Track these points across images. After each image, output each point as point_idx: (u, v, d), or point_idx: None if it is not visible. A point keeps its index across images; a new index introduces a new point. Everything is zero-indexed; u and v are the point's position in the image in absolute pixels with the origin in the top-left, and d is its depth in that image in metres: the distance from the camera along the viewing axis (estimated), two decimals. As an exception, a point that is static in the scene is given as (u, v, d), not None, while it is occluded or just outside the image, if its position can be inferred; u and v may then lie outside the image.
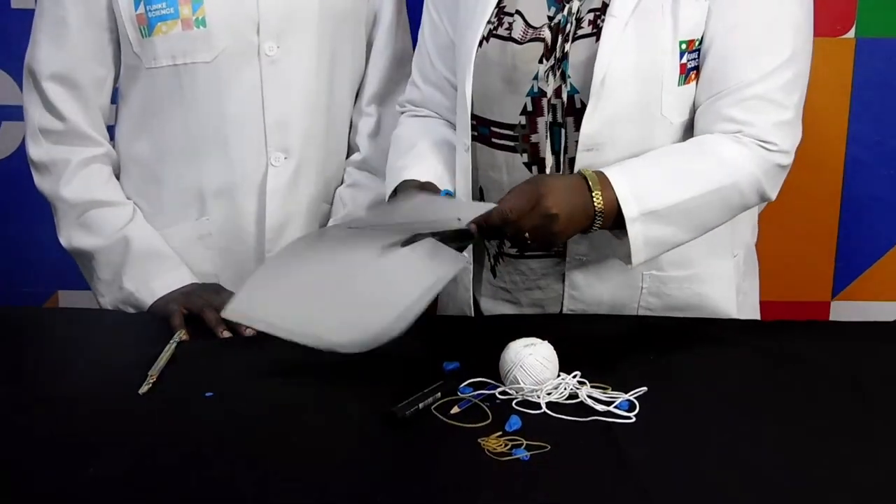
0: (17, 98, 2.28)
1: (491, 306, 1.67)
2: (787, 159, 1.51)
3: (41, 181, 1.75)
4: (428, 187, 1.56)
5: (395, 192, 1.59)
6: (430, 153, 1.64)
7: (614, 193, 1.42)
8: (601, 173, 1.43)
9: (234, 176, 1.73)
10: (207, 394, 1.34)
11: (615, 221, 1.43)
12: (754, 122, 1.47)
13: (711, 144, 1.49)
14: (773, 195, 1.52)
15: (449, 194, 1.53)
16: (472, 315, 1.66)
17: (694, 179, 1.46)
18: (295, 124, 1.73)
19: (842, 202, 2.35)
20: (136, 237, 1.71)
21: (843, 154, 2.30)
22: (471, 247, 1.60)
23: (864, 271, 2.39)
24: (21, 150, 2.34)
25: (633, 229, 1.42)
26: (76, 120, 1.71)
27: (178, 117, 1.70)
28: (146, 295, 1.67)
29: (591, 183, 1.42)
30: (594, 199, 1.41)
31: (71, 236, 1.74)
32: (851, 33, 2.24)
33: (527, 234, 1.38)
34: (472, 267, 1.64)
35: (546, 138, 1.52)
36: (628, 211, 1.42)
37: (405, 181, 1.58)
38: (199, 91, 1.68)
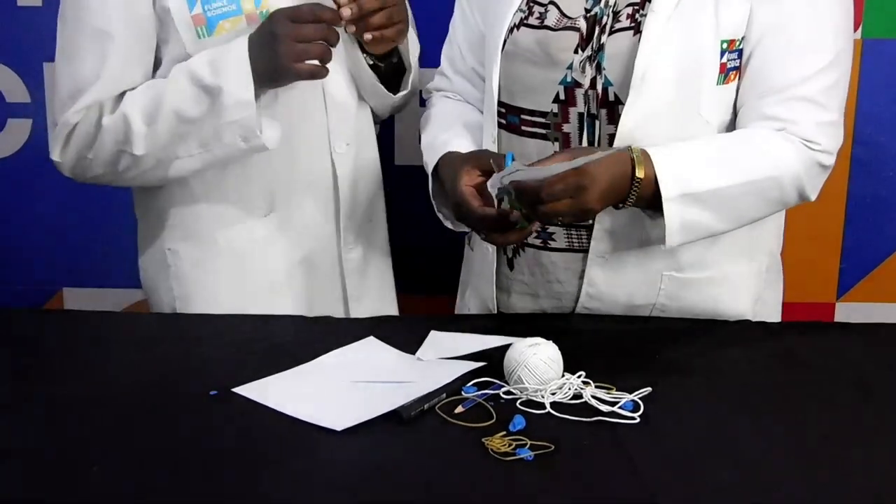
0: (22, 96, 2.30)
1: (505, 299, 1.67)
2: (830, 160, 1.51)
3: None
4: (473, 157, 1.53)
5: (438, 165, 1.59)
6: (467, 132, 1.66)
7: (654, 170, 1.43)
8: (645, 151, 1.44)
9: (300, 169, 1.71)
10: (212, 392, 1.34)
11: (650, 201, 1.44)
12: (798, 121, 1.48)
13: (757, 136, 1.49)
14: (813, 196, 1.52)
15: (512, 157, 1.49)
16: (496, 309, 1.66)
17: (736, 167, 1.47)
18: (351, 112, 1.72)
19: (847, 203, 2.35)
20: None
21: (849, 155, 2.30)
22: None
23: (870, 272, 2.39)
24: (28, 147, 2.35)
25: (669, 210, 1.43)
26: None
27: None
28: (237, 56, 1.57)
29: (634, 156, 1.42)
30: (635, 171, 1.42)
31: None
32: (857, 34, 2.24)
33: (560, 201, 1.38)
34: (495, 261, 1.65)
35: (577, 129, 1.53)
36: (666, 191, 1.42)
37: (450, 152, 1.58)
38: None
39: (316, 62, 1.54)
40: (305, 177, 1.72)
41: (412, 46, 1.73)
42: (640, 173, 1.42)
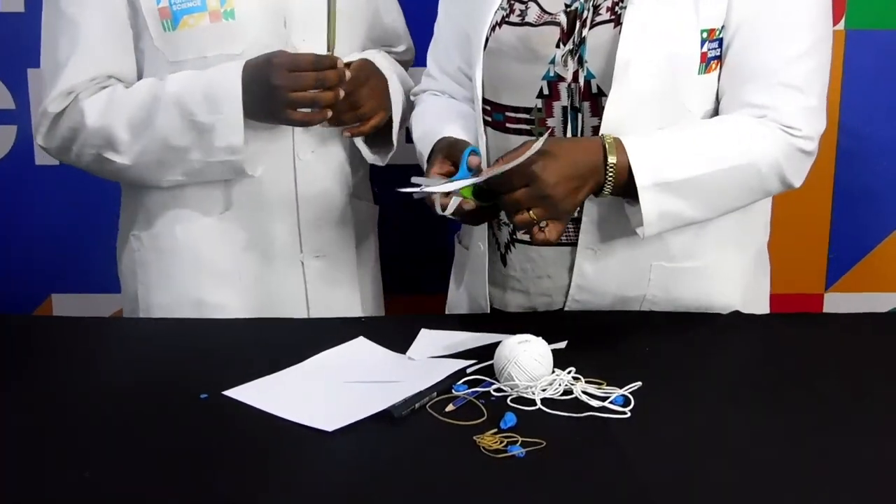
0: (6, 102, 2.29)
1: (500, 295, 1.67)
2: (811, 145, 1.51)
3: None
4: (459, 144, 1.55)
5: (432, 153, 1.59)
6: (460, 120, 1.66)
7: (628, 159, 1.43)
8: (617, 138, 1.45)
9: (260, 172, 1.70)
10: (203, 395, 1.34)
11: (626, 189, 1.45)
12: (778, 107, 1.48)
13: (733, 123, 1.50)
14: (797, 182, 1.53)
15: (475, 152, 1.51)
16: (489, 307, 1.66)
17: (710, 155, 1.47)
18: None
19: (834, 194, 2.36)
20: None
21: (835, 146, 2.31)
22: (486, 236, 1.62)
23: (857, 263, 2.40)
24: (13, 153, 2.34)
25: (645, 198, 1.44)
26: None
27: None
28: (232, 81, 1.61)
29: (606, 143, 1.43)
30: (608, 157, 1.42)
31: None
32: (841, 25, 2.25)
33: (516, 190, 1.38)
34: (487, 257, 1.65)
35: (562, 123, 1.53)
36: (641, 179, 1.43)
37: (442, 138, 1.59)
38: None
39: (309, 109, 1.57)
40: (265, 180, 1.71)
41: (397, 110, 1.73)
42: (612, 159, 1.42)
